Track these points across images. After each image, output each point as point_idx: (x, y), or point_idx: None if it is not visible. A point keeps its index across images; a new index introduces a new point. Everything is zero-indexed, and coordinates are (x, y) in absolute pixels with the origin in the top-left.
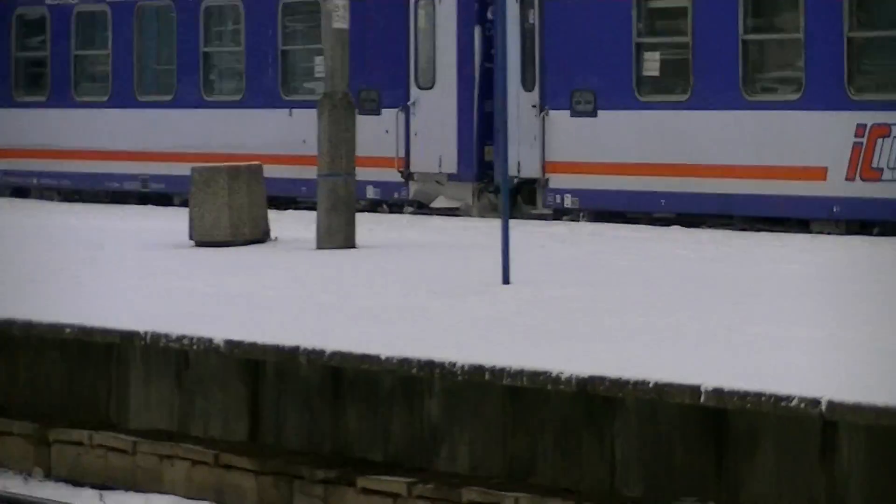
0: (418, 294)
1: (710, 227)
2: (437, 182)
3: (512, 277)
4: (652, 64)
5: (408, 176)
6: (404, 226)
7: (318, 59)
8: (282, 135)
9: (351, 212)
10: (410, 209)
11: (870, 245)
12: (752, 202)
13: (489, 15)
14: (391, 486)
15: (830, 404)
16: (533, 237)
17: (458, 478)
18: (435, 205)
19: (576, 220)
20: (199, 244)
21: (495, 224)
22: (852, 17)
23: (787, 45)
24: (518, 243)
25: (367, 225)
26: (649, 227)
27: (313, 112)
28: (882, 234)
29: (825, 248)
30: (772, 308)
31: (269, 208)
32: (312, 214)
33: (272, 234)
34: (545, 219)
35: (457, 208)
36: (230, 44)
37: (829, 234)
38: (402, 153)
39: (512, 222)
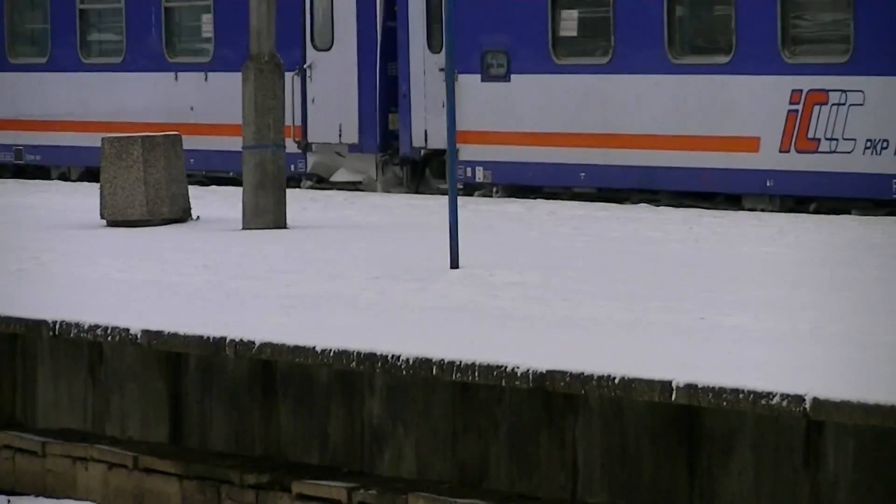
0: (357, 279)
1: (633, 202)
2: (338, 153)
3: (461, 261)
4: (569, 23)
5: (305, 147)
6: (341, 204)
7: (206, 18)
8: (167, 101)
9: (281, 189)
10: (309, 183)
11: (858, 226)
12: (678, 175)
13: None
14: (329, 492)
15: (815, 402)
16: (482, 216)
17: (403, 483)
18: (335, 178)
19: (489, 195)
20: (112, 224)
21: (442, 202)
22: None
23: (717, 3)
24: (466, 223)
25: (300, 203)
26: (610, 205)
27: (201, 76)
28: (819, 211)
29: (808, 230)
30: (750, 296)
31: None
32: (238, 191)
33: (193, 214)
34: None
35: (359, 182)
36: (109, 0)
37: (762, 210)
38: (298, 121)
39: (460, 200)
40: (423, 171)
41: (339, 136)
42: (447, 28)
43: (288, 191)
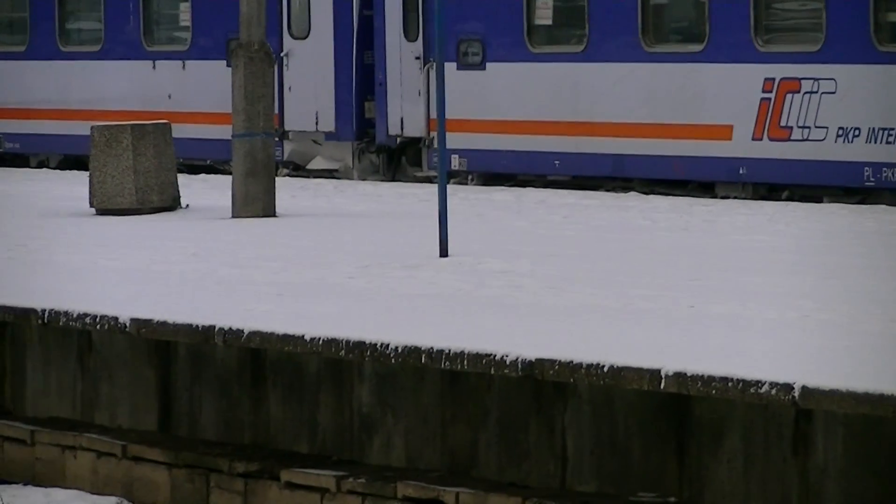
0: (346, 268)
1: (607, 190)
2: (314, 141)
3: (450, 249)
4: (544, 11)
5: (282, 135)
6: (331, 192)
7: (184, 6)
8: (145, 89)
9: (270, 177)
10: (286, 171)
11: (848, 214)
12: (652, 163)
13: None
14: (319, 481)
15: (805, 390)
16: (471, 205)
17: (392, 471)
18: (312, 166)
19: (464, 182)
20: (101, 212)
21: (431, 190)
22: None
23: None
24: (455, 211)
25: (290, 191)
26: (600, 193)
27: (178, 64)
28: (791, 198)
29: (797, 218)
30: (739, 285)
31: None
32: (227, 180)
33: (183, 202)
34: (432, 182)
35: (335, 170)
36: None
37: (735, 197)
38: (275, 109)
39: (449, 188)
40: (400, 159)
41: (316, 124)
42: (436, 18)
43: (279, 179)
